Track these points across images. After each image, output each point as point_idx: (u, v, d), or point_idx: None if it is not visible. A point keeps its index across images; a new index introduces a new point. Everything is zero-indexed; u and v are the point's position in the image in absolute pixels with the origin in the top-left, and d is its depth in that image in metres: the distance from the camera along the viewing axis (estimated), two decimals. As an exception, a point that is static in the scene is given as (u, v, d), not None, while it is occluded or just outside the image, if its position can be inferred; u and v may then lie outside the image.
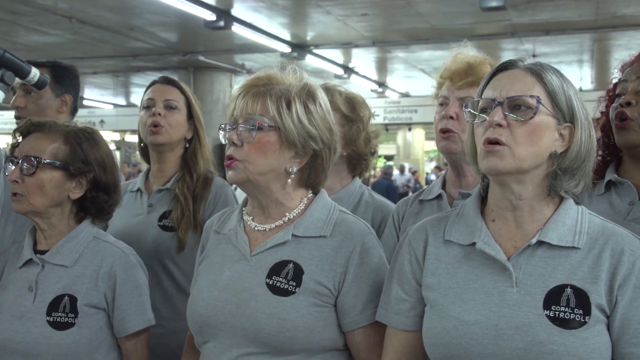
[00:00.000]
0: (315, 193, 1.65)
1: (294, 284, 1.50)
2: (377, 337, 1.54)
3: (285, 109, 1.52)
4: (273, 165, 1.54)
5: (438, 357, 1.38)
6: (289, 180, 1.57)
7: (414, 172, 19.66)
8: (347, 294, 1.52)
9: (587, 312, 1.29)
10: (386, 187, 14.18)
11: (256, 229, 1.60)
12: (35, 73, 1.93)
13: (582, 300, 1.29)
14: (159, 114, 2.30)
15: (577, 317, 1.28)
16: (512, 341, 1.29)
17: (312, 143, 1.55)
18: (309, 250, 1.54)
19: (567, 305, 1.29)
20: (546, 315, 1.29)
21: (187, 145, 2.40)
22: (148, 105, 2.35)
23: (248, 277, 1.54)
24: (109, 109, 18.81)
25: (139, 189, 2.39)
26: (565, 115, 1.36)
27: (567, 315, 1.28)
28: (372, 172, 16.22)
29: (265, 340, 1.48)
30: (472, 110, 1.40)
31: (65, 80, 2.72)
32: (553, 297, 1.30)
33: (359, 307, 1.53)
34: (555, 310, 1.29)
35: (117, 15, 9.33)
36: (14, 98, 2.64)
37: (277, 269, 1.52)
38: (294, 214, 1.59)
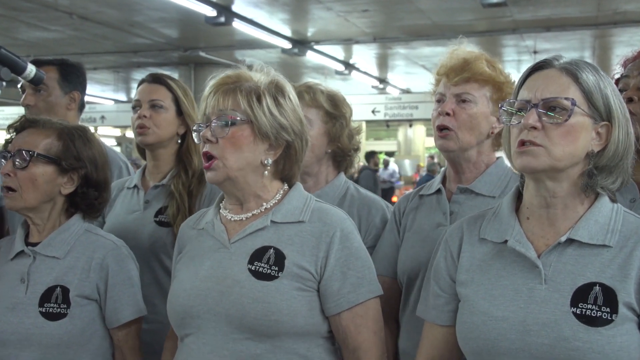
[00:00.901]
0: (290, 186, 1.69)
1: (277, 268, 1.53)
2: (362, 320, 1.58)
3: (256, 102, 1.57)
4: (249, 158, 1.58)
5: (469, 351, 1.42)
6: (265, 172, 1.61)
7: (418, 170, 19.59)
8: (330, 278, 1.56)
9: (614, 310, 1.28)
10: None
11: (232, 219, 1.64)
12: (31, 69, 1.94)
13: (610, 298, 1.29)
14: (144, 116, 2.31)
15: (604, 315, 1.28)
16: (538, 337, 1.30)
17: (284, 134, 1.60)
18: (288, 236, 1.58)
19: (594, 303, 1.29)
20: (573, 312, 1.29)
21: (180, 141, 2.39)
22: (135, 106, 2.36)
23: (229, 264, 1.57)
24: (110, 104, 18.82)
25: (135, 186, 2.40)
26: (602, 114, 1.34)
27: (593, 313, 1.28)
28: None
29: (251, 324, 1.50)
30: (508, 109, 1.39)
31: (73, 77, 2.76)
32: (581, 295, 1.30)
33: (343, 290, 1.56)
34: (582, 308, 1.29)
35: (117, 11, 9.34)
36: (23, 96, 2.67)
37: (258, 254, 1.55)
38: (271, 204, 1.63)
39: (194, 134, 1.62)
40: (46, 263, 1.79)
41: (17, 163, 1.77)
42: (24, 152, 1.78)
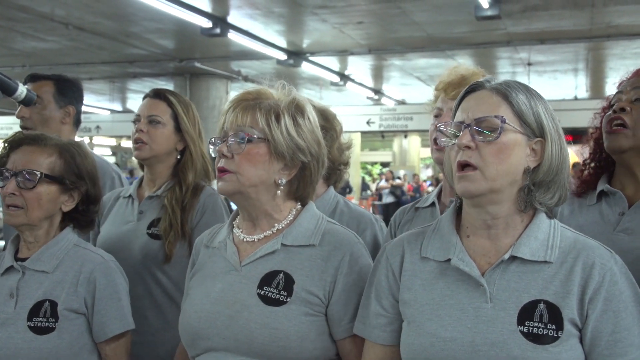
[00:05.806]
0: (304, 205, 1.67)
1: (285, 293, 1.52)
2: None
3: (275, 121, 1.56)
4: (263, 176, 1.57)
5: None
6: (278, 191, 1.60)
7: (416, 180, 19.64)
8: (337, 303, 1.55)
9: (560, 327, 1.30)
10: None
11: (245, 240, 1.63)
12: (22, 90, 1.97)
13: (555, 315, 1.31)
14: (141, 130, 2.33)
15: (550, 333, 1.30)
16: (487, 357, 1.31)
17: (300, 155, 1.59)
18: (299, 260, 1.57)
19: (540, 320, 1.31)
20: (520, 331, 1.31)
21: (179, 157, 2.40)
22: (135, 121, 2.39)
23: (239, 288, 1.56)
24: (106, 114, 18.82)
25: (130, 196, 2.40)
26: (535, 131, 1.38)
27: (540, 331, 1.30)
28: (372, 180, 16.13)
29: (259, 350, 1.49)
30: (445, 131, 1.42)
31: (68, 92, 2.79)
32: (527, 313, 1.32)
33: (349, 316, 1.55)
34: (529, 326, 1.31)
35: (113, 22, 9.35)
36: (18, 109, 2.68)
37: (267, 279, 1.55)
38: (283, 225, 1.62)
39: (210, 147, 1.61)
40: (35, 277, 1.79)
41: (22, 183, 1.79)
42: (32, 172, 1.79)
